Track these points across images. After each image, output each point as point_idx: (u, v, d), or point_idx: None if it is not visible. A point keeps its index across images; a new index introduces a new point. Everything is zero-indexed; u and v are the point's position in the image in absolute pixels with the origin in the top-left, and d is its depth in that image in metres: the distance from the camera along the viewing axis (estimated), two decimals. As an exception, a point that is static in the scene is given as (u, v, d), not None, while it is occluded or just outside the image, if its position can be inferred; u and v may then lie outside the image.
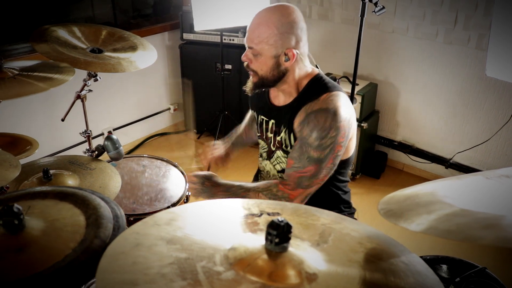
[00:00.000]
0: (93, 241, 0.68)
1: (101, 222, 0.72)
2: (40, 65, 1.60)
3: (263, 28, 1.26)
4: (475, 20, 2.44)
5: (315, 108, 1.28)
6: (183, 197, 1.69)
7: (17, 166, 0.99)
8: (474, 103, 2.63)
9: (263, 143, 1.52)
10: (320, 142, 1.24)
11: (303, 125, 1.29)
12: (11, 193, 0.82)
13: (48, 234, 0.69)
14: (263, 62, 1.30)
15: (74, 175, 1.55)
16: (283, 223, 0.59)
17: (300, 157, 1.28)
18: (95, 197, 0.80)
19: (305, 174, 1.28)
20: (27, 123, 2.60)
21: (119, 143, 1.72)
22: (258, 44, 1.27)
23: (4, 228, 0.67)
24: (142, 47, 1.98)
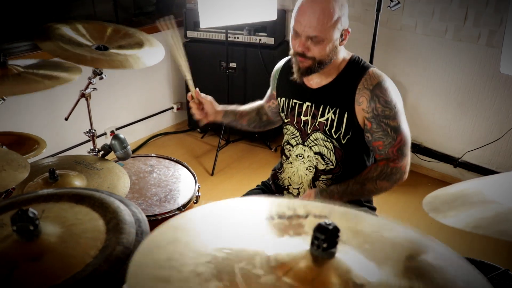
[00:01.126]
0: (116, 248, 0.62)
1: (122, 227, 0.66)
2: (45, 63, 1.54)
3: (328, 14, 1.24)
4: (485, 16, 2.40)
5: (375, 83, 1.31)
6: (193, 197, 1.64)
7: (26, 166, 0.93)
8: (484, 101, 2.59)
9: (293, 129, 1.48)
10: (394, 111, 1.31)
11: (373, 103, 1.31)
12: (22, 196, 0.76)
13: (66, 240, 0.64)
14: (324, 47, 1.28)
15: (80, 175, 1.50)
16: (331, 227, 0.54)
17: (385, 133, 1.33)
18: (113, 199, 0.74)
19: (400, 144, 1.33)
20: (29, 122, 2.54)
21: (126, 142, 1.67)
22: (324, 31, 1.25)
23: (18, 235, 0.62)
24: (148, 44, 1.93)
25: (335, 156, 1.41)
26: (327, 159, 1.43)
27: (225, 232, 0.62)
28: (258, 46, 2.96)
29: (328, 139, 1.40)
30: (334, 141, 1.39)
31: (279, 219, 0.66)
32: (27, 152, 1.55)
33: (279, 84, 1.54)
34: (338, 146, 1.40)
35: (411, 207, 2.66)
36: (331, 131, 1.38)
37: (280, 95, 1.53)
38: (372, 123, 1.33)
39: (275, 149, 3.20)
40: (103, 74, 1.95)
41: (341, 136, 1.38)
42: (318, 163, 1.44)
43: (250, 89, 3.13)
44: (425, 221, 2.55)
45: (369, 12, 2.82)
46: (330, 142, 1.40)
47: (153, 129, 3.37)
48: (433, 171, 2.93)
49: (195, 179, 1.72)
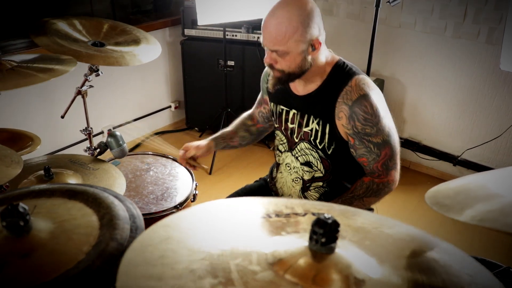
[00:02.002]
0: (109, 244, 0.60)
1: (116, 223, 0.64)
2: (39, 57, 1.52)
3: (287, 27, 1.19)
4: (485, 14, 2.38)
5: (354, 98, 1.25)
6: (190, 195, 1.62)
7: (19, 162, 0.91)
8: (483, 99, 2.57)
9: (281, 135, 1.46)
10: (376, 128, 1.26)
11: (353, 121, 1.26)
12: (13, 191, 0.74)
13: (58, 236, 0.62)
14: (291, 60, 1.24)
15: (76, 174, 1.48)
16: (330, 221, 0.52)
17: (369, 150, 1.29)
18: (107, 195, 0.72)
19: (385, 159, 1.29)
20: (25, 119, 2.51)
21: (123, 140, 1.65)
22: (285, 44, 1.21)
23: (8, 230, 0.60)
24: (145, 41, 1.91)
25: (323, 166, 1.38)
26: (315, 167, 1.40)
27: (221, 231, 0.60)
28: (256, 44, 2.94)
29: (314, 149, 1.37)
30: (319, 151, 1.36)
31: (276, 217, 0.64)
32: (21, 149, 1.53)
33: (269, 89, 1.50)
34: (324, 156, 1.36)
35: (411, 205, 2.64)
36: (316, 141, 1.35)
37: (270, 100, 1.50)
38: (354, 139, 1.29)
39: (273, 148, 3.17)
40: (100, 71, 1.93)
41: (326, 147, 1.34)
42: (304, 174, 1.42)
43: (248, 87, 3.11)
44: (424, 219, 2.54)
45: (368, 10, 2.80)
46: (315, 152, 1.37)
47: (151, 128, 3.34)
48: (432, 169, 2.92)
49: (192, 177, 1.70)
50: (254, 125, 1.66)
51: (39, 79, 1.29)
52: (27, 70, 1.36)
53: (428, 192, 0.72)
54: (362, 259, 0.56)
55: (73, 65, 1.45)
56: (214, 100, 3.17)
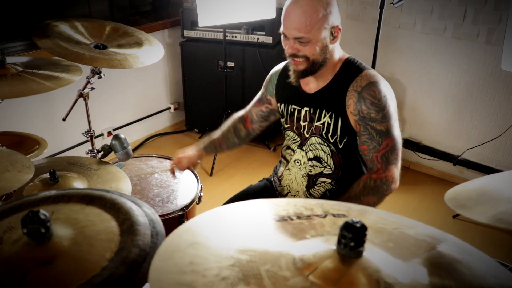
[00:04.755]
0: (131, 250, 0.60)
1: (137, 228, 0.64)
2: (44, 62, 1.50)
3: (311, 14, 1.21)
4: (484, 14, 2.40)
5: (364, 84, 1.27)
6: (196, 198, 1.61)
7: (30, 167, 0.90)
8: (483, 99, 2.59)
9: (293, 134, 1.46)
10: (382, 114, 1.25)
11: (360, 104, 1.27)
12: (29, 197, 0.73)
13: (79, 243, 0.61)
14: (313, 47, 1.26)
15: (80, 176, 1.46)
16: (359, 225, 0.52)
17: (370, 137, 1.27)
18: (125, 200, 0.72)
19: (385, 150, 1.27)
20: (25, 122, 2.49)
21: (127, 143, 1.64)
22: (309, 32, 1.23)
23: (29, 237, 0.59)
24: (148, 43, 1.90)
25: (333, 161, 1.38)
26: (325, 162, 1.40)
27: (244, 234, 0.60)
28: (256, 45, 2.94)
29: (325, 143, 1.37)
30: (331, 145, 1.36)
31: (298, 219, 0.64)
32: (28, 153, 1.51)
33: (278, 89, 1.51)
34: (335, 150, 1.36)
35: (411, 205, 2.66)
36: (328, 135, 1.35)
37: (280, 101, 1.50)
38: (360, 126, 1.29)
39: (273, 149, 3.18)
40: (102, 73, 1.91)
41: (338, 140, 1.35)
42: (312, 169, 1.42)
43: (248, 88, 3.11)
44: (425, 219, 2.56)
45: (368, 10, 2.81)
46: (327, 146, 1.37)
47: (150, 130, 3.33)
48: (432, 169, 2.93)
49: (197, 179, 1.69)
50: (245, 127, 1.65)
51: (45, 87, 1.27)
52: (32, 76, 1.34)
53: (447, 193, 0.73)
54: (389, 262, 0.56)
55: (79, 74, 1.43)
56: (213, 102, 3.17)
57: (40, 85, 1.32)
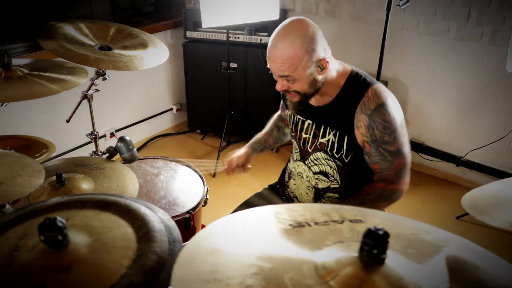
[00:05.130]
0: (149, 257, 0.59)
1: (153, 235, 0.63)
2: (50, 64, 1.49)
3: (292, 56, 1.21)
4: (488, 15, 2.40)
5: (373, 107, 1.26)
6: (202, 200, 1.60)
7: (41, 171, 0.90)
8: (487, 100, 2.59)
9: (295, 144, 1.47)
10: (394, 136, 1.27)
11: (372, 128, 1.27)
12: (43, 203, 0.73)
13: (96, 250, 0.60)
14: (302, 83, 1.27)
15: (86, 177, 1.45)
16: (382, 232, 0.52)
17: (383, 158, 1.30)
18: (139, 205, 0.71)
19: (398, 168, 1.31)
20: (27, 123, 2.48)
21: (132, 145, 1.63)
22: (294, 72, 1.23)
23: (46, 245, 0.58)
24: (152, 44, 1.90)
25: (339, 175, 1.39)
26: (331, 177, 1.40)
27: (263, 241, 0.60)
28: (259, 46, 2.93)
29: (331, 158, 1.37)
30: (337, 160, 1.37)
31: (316, 225, 0.64)
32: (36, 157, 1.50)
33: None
34: (341, 165, 1.37)
35: (414, 206, 2.65)
36: (333, 152, 1.36)
37: (287, 108, 1.50)
38: (370, 147, 1.30)
39: (276, 150, 3.18)
40: (106, 75, 1.91)
41: (343, 156, 1.35)
42: (319, 182, 1.42)
43: (251, 89, 3.10)
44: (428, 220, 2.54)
45: (371, 11, 2.81)
46: (333, 161, 1.37)
47: (152, 131, 3.32)
48: (435, 170, 2.93)
49: (203, 181, 1.69)
50: (286, 125, 1.67)
51: (51, 90, 1.26)
52: (38, 79, 1.33)
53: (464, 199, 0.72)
54: (410, 269, 0.56)
55: (85, 76, 1.42)
56: (216, 103, 3.16)
57: (46, 88, 1.32)
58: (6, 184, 0.81)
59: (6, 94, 1.25)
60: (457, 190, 2.79)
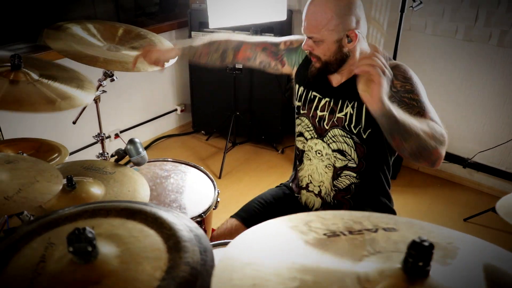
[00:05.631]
0: (182, 268, 0.57)
1: (184, 245, 0.61)
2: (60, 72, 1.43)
3: (321, 15, 1.22)
4: (497, 16, 2.39)
5: (393, 65, 1.25)
6: (213, 203, 1.58)
7: (58, 176, 0.87)
8: (494, 101, 2.58)
9: (307, 122, 1.44)
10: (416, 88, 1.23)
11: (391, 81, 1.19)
12: (65, 211, 0.70)
13: (126, 261, 0.58)
14: (326, 48, 1.27)
15: (96, 181, 1.43)
16: (427, 243, 0.50)
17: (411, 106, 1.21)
18: (165, 213, 0.69)
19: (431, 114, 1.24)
20: (30, 125, 2.45)
21: (142, 147, 1.61)
22: (319, 32, 1.24)
23: (76, 256, 0.56)
24: (161, 45, 1.87)
25: (356, 153, 1.37)
26: (348, 156, 1.39)
27: (299, 251, 0.58)
28: (265, 47, 2.91)
29: (348, 135, 1.36)
30: (354, 136, 1.35)
31: (350, 235, 0.62)
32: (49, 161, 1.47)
33: (300, 69, 1.48)
34: (359, 141, 1.35)
35: (422, 207, 2.64)
36: (351, 126, 1.34)
37: (299, 83, 1.47)
38: (393, 103, 1.12)
39: (281, 151, 3.16)
40: (114, 76, 1.89)
41: (362, 131, 1.33)
42: (336, 161, 1.41)
43: (256, 90, 3.08)
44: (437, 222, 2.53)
45: (377, 13, 2.79)
46: (350, 138, 1.36)
47: (157, 132, 3.30)
48: (441, 171, 2.92)
49: (213, 184, 1.66)
50: (234, 57, 1.57)
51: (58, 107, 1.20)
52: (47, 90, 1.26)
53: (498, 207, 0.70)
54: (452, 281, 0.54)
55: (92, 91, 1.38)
56: (220, 103, 3.14)
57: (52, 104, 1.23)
58: (25, 190, 0.79)
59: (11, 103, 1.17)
60: (464, 192, 2.78)
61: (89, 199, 1.34)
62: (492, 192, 2.72)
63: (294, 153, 1.58)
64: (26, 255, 0.60)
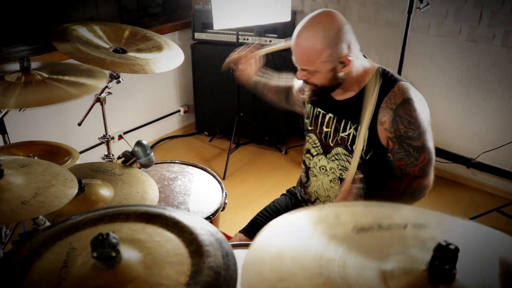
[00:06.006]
0: (206, 273, 0.57)
1: (206, 249, 0.61)
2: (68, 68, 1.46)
3: (313, 49, 1.20)
4: (500, 17, 2.39)
5: (399, 102, 1.25)
6: (221, 205, 1.58)
7: (73, 180, 0.87)
8: (498, 102, 2.58)
9: (315, 138, 1.45)
10: (418, 131, 1.25)
11: (396, 124, 1.25)
12: (83, 216, 0.70)
13: (149, 266, 0.58)
14: (321, 77, 1.26)
15: (105, 183, 1.43)
16: (453, 247, 0.51)
17: (408, 154, 1.28)
18: (185, 217, 0.69)
19: (422, 164, 1.29)
20: (35, 127, 2.44)
21: (149, 149, 1.61)
22: (312, 65, 1.23)
23: (100, 262, 0.56)
24: (167, 47, 1.87)
25: (360, 171, 1.37)
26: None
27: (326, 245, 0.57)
28: (269, 48, 2.91)
29: (350, 154, 1.36)
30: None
31: (379, 230, 0.62)
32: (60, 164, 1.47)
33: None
34: (360, 162, 1.34)
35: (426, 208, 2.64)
36: (352, 147, 1.35)
37: (307, 101, 1.48)
38: (394, 143, 1.28)
39: (285, 152, 3.16)
40: (121, 78, 1.88)
41: (363, 153, 1.33)
42: (343, 173, 1.41)
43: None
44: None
45: (381, 13, 2.80)
46: (352, 157, 1.35)
47: (160, 133, 3.30)
48: (445, 171, 2.92)
49: (221, 186, 1.66)
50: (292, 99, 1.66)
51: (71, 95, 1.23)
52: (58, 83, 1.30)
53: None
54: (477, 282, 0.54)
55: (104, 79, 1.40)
56: (224, 104, 3.14)
57: (67, 93, 1.28)
58: (41, 194, 0.79)
59: (27, 100, 1.22)
60: (467, 192, 2.78)
61: (98, 201, 1.34)
62: (496, 192, 2.72)
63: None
64: (48, 260, 0.60)
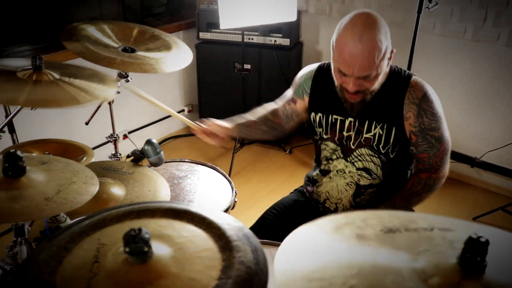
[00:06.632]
0: (237, 267, 0.58)
1: (236, 244, 0.61)
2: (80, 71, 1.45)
3: (378, 49, 1.19)
4: (505, 16, 2.40)
5: (420, 96, 1.31)
6: (232, 203, 1.59)
7: (94, 177, 0.87)
8: (503, 101, 2.60)
9: (333, 145, 1.44)
10: (438, 122, 1.32)
11: (421, 117, 1.31)
12: (110, 212, 0.71)
13: (180, 261, 0.58)
14: (377, 80, 1.26)
15: (117, 182, 1.43)
16: (484, 239, 0.51)
17: (430, 146, 1.33)
18: (210, 213, 0.69)
19: (443, 153, 1.35)
20: (42, 125, 2.44)
21: (159, 148, 1.61)
22: (377, 68, 1.21)
23: (132, 257, 0.56)
24: (176, 46, 1.88)
25: (382, 171, 1.39)
26: (374, 174, 1.40)
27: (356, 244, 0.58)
28: (274, 47, 2.92)
29: (376, 154, 1.37)
30: (382, 156, 1.37)
31: (406, 232, 0.62)
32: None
33: (312, 97, 1.46)
34: (386, 161, 1.37)
35: (430, 207, 2.65)
36: (379, 146, 1.36)
37: (315, 110, 1.45)
38: (417, 137, 1.33)
39: (289, 151, 3.17)
40: (129, 77, 1.89)
41: (390, 151, 1.36)
42: (361, 179, 1.41)
43: (265, 90, 3.09)
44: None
45: (385, 13, 2.80)
46: (377, 157, 1.37)
47: (164, 132, 3.30)
48: (449, 171, 2.92)
49: (231, 185, 1.67)
50: (277, 123, 1.62)
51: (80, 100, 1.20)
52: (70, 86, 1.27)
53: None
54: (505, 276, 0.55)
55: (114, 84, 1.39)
56: (228, 104, 3.14)
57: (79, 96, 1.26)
58: (63, 191, 0.79)
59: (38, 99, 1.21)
60: (472, 191, 2.79)
61: (110, 200, 1.34)
62: (500, 192, 2.73)
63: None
64: (78, 256, 0.61)
